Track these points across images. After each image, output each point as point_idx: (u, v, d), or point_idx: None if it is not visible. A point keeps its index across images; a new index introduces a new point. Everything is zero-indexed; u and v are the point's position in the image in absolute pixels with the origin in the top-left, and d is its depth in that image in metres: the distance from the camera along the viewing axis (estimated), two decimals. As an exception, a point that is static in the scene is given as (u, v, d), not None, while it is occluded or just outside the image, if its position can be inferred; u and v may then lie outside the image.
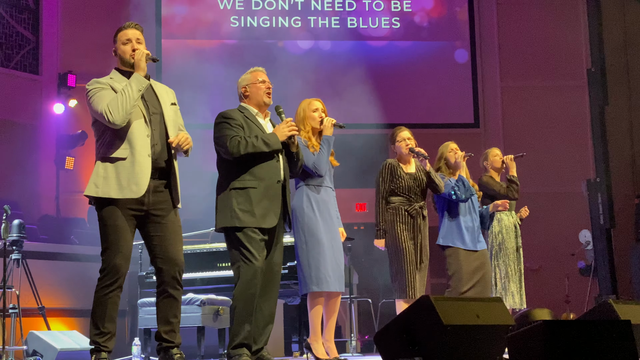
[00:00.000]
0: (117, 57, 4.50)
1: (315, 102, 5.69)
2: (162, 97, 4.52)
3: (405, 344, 3.99)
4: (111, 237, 4.30)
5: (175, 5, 12.43)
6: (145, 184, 4.29)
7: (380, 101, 11.72)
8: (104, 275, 4.31)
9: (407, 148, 6.16)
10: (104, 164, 4.32)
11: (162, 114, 4.46)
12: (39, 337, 6.59)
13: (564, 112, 12.24)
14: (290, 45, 12.42)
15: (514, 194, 7.05)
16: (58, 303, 8.18)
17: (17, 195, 10.14)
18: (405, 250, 6.00)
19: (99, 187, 4.29)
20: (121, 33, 4.49)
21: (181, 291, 4.50)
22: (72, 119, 11.25)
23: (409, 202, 6.09)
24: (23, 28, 11.53)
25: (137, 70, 4.36)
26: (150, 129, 4.37)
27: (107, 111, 4.24)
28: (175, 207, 4.49)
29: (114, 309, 4.33)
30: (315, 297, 5.50)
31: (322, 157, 5.50)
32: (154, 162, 4.35)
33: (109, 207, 4.30)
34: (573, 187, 11.53)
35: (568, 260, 11.42)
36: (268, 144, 4.77)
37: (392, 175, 6.14)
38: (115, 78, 4.43)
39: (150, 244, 4.45)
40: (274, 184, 4.83)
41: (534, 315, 5.44)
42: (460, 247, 6.40)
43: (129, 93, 4.27)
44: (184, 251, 7.24)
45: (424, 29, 12.80)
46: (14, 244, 7.14)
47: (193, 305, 6.34)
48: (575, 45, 12.51)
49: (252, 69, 5.11)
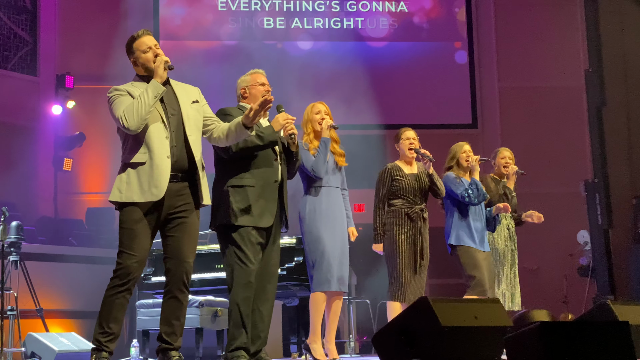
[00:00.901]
0: (139, 66, 4.52)
1: (318, 105, 5.72)
2: (182, 97, 4.54)
3: (404, 345, 3.99)
4: (126, 241, 4.34)
5: (174, 7, 12.43)
6: (164, 186, 4.32)
7: (378, 102, 11.73)
8: (115, 277, 4.34)
9: (412, 149, 6.13)
10: (126, 170, 4.38)
11: (181, 114, 4.48)
12: (37, 339, 6.58)
13: (561, 113, 12.24)
14: (289, 46, 12.42)
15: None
16: (56, 305, 8.18)
17: (15, 197, 10.13)
18: (401, 254, 5.95)
19: (123, 193, 4.35)
20: (138, 42, 4.51)
21: (187, 295, 4.50)
22: (70, 121, 11.24)
23: (409, 205, 6.06)
24: (21, 29, 11.52)
25: (156, 77, 4.40)
26: (169, 130, 4.40)
27: (123, 117, 4.29)
28: (199, 207, 4.50)
29: (120, 311, 4.35)
30: (316, 297, 5.52)
31: (318, 159, 5.52)
32: (174, 164, 4.38)
33: (128, 210, 4.35)
34: (571, 188, 11.53)
35: (566, 261, 11.42)
36: (261, 136, 4.74)
37: (392, 179, 6.10)
38: (136, 84, 4.48)
39: (165, 242, 4.49)
40: (271, 184, 4.83)
41: (532, 317, 5.44)
42: (472, 247, 6.39)
43: (145, 99, 4.31)
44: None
45: (422, 29, 12.80)
46: (12, 245, 7.14)
47: (191, 307, 6.34)
48: (573, 46, 12.51)
49: (251, 71, 5.12)
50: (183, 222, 4.44)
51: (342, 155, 5.84)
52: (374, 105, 11.61)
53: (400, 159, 6.26)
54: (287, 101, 5.42)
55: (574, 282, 11.27)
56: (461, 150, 6.61)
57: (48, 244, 8.88)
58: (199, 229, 4.59)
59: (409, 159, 6.20)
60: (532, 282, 10.38)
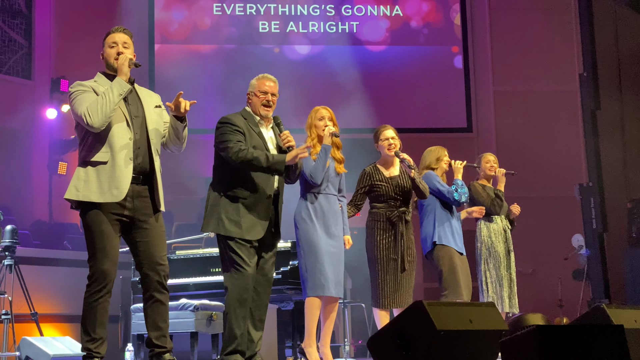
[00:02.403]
0: (103, 61, 4.49)
1: (322, 111, 5.68)
2: (145, 101, 4.49)
3: (399, 349, 3.99)
4: (98, 243, 4.27)
5: (170, 10, 12.43)
6: (125, 188, 4.27)
7: (373, 105, 11.75)
8: (92, 282, 4.28)
9: (392, 150, 5.99)
10: (85, 168, 4.31)
11: (145, 117, 4.43)
12: (32, 343, 6.56)
13: (556, 117, 12.27)
14: (287, 50, 12.43)
15: (497, 209, 7.00)
16: (51, 309, 8.15)
17: (9, 201, 10.11)
18: (381, 260, 5.90)
19: (80, 191, 4.27)
20: (109, 37, 4.47)
21: (167, 295, 4.46)
22: (64, 124, 11.22)
23: (390, 209, 5.96)
24: (16, 33, 11.51)
25: (120, 74, 4.34)
26: (133, 132, 4.35)
27: (87, 114, 4.21)
28: (158, 212, 4.45)
29: (104, 315, 4.31)
30: (311, 302, 5.51)
31: (317, 166, 5.50)
32: (137, 166, 4.33)
33: (93, 213, 4.27)
34: (566, 192, 11.55)
35: (561, 265, 11.43)
36: (271, 162, 4.70)
37: (371, 184, 6.01)
38: (100, 81, 4.41)
39: (135, 250, 4.42)
40: (264, 198, 4.82)
41: (527, 320, 5.44)
42: (453, 248, 6.40)
43: (109, 97, 4.25)
44: (177, 256, 7.25)
45: (417, 34, 12.82)
46: (6, 249, 7.12)
47: (186, 311, 6.32)
48: (567, 50, 12.54)
49: (260, 76, 5.04)
50: (150, 226, 4.39)
51: (341, 162, 5.80)
52: (367, 109, 11.63)
53: (380, 160, 6.14)
54: (282, 104, 5.43)
55: (568, 286, 11.28)
56: (444, 154, 6.63)
57: (43, 248, 8.85)
58: (195, 233, 4.58)
59: (390, 159, 6.07)
60: (527, 285, 10.39)
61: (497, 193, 7.02)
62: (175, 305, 6.16)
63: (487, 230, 6.97)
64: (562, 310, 10.90)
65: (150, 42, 12.17)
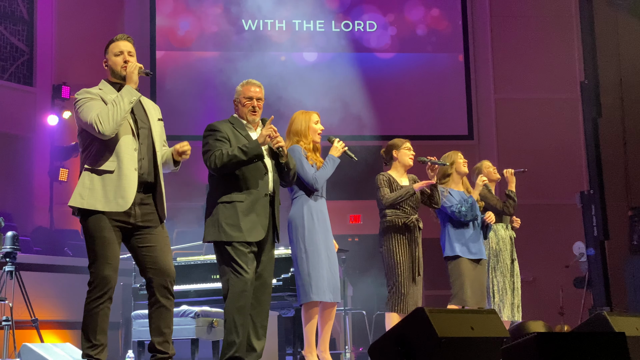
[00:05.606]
0: (108, 69, 4.49)
1: (315, 115, 5.70)
2: (150, 112, 4.51)
3: (400, 357, 3.98)
4: (99, 249, 4.27)
5: (171, 18, 12.44)
6: (131, 198, 4.27)
7: (374, 113, 11.75)
8: (93, 288, 4.28)
9: (415, 158, 6.17)
10: (90, 175, 4.30)
11: (150, 128, 4.45)
12: (33, 350, 6.55)
13: (557, 124, 12.27)
14: (290, 57, 12.43)
15: (510, 210, 7.03)
16: (51, 315, 8.15)
17: (10, 207, 10.12)
18: (401, 264, 5.98)
19: (85, 199, 4.27)
20: (113, 45, 4.47)
21: (173, 301, 4.46)
22: (66, 131, 11.24)
23: (405, 215, 6.08)
24: (17, 40, 11.53)
25: (129, 82, 4.34)
26: (138, 142, 4.36)
27: (97, 121, 4.21)
28: (162, 222, 4.46)
29: (105, 321, 4.31)
30: (310, 307, 5.49)
31: (324, 173, 5.53)
32: (141, 177, 4.34)
33: (95, 219, 4.27)
34: (567, 199, 11.55)
35: (562, 272, 11.42)
36: (246, 151, 4.73)
37: (390, 187, 6.12)
38: (105, 89, 4.41)
39: (139, 255, 4.41)
40: (261, 198, 4.83)
41: (528, 328, 5.44)
42: (466, 257, 6.42)
43: (121, 105, 4.25)
44: (178, 263, 7.24)
45: (418, 41, 12.84)
46: (7, 255, 7.12)
47: (187, 317, 6.32)
48: (569, 58, 12.55)
49: (245, 82, 5.09)
50: (155, 232, 4.40)
51: None
52: (368, 116, 11.63)
53: (393, 169, 6.26)
54: (288, 112, 5.43)
55: (570, 294, 11.27)
56: (457, 158, 6.66)
57: (43, 254, 8.86)
58: (196, 239, 4.59)
59: (402, 171, 6.22)
60: (529, 293, 10.37)
61: (509, 193, 7.06)
62: (176, 312, 6.15)
63: (496, 237, 7.00)
64: (563, 317, 10.88)
65: (152, 50, 12.18)
